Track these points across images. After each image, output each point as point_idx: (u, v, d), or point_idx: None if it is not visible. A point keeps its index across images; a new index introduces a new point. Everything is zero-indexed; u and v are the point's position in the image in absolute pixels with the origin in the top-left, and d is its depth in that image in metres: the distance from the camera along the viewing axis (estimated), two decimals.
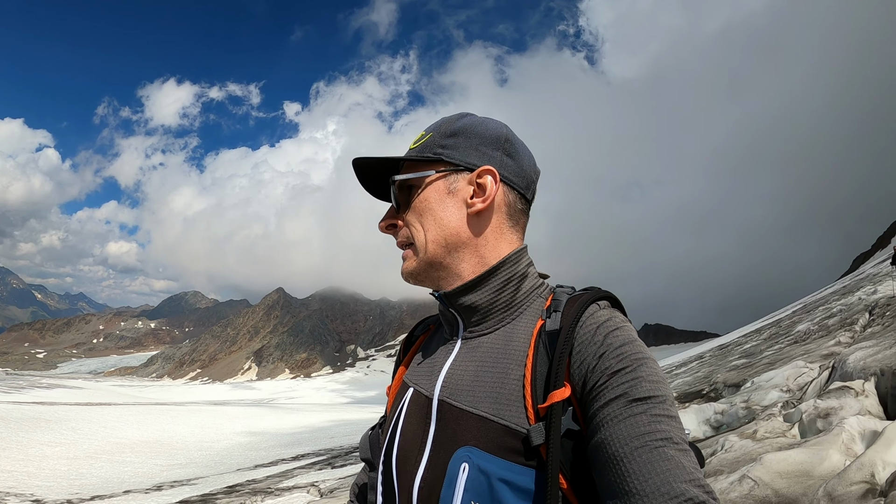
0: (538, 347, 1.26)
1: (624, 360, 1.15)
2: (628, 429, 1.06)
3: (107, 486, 24.02)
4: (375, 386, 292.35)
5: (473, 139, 1.43)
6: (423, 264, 1.44)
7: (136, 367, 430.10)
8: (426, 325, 1.72)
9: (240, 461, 32.02)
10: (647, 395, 1.10)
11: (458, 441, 1.25)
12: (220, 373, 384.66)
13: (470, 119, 1.48)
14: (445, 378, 1.38)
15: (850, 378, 9.02)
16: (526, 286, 1.42)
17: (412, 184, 1.45)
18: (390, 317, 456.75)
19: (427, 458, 1.30)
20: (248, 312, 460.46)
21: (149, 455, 33.65)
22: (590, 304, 1.28)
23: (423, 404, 1.39)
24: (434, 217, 1.41)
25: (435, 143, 1.44)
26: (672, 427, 1.07)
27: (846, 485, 5.06)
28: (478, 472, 1.18)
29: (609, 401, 1.11)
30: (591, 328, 1.22)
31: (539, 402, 1.19)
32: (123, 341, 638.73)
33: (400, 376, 1.62)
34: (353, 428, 50.75)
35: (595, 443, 1.10)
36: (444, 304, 1.45)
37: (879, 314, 18.66)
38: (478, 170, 1.40)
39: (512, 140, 1.46)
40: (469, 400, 1.28)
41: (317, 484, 21.81)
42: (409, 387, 1.49)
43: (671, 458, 1.02)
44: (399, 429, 1.42)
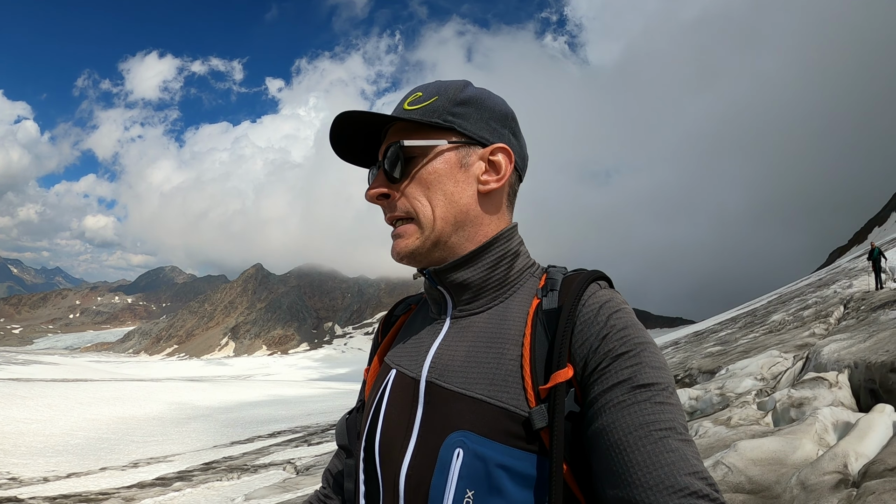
0: (536, 326, 1.20)
1: (627, 344, 1.10)
2: (631, 416, 1.02)
3: (83, 464, 23.93)
4: (351, 363, 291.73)
5: (484, 112, 1.32)
6: (429, 243, 1.30)
7: (112, 343, 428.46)
8: (407, 305, 1.60)
9: (216, 438, 31.95)
10: (651, 381, 1.05)
11: (450, 425, 1.16)
12: (197, 349, 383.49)
13: (476, 89, 1.36)
14: (434, 359, 1.28)
15: (824, 369, 9.16)
16: (519, 264, 1.34)
17: (416, 152, 1.30)
18: (368, 294, 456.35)
19: (415, 444, 1.20)
20: (226, 288, 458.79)
21: (125, 432, 33.47)
22: (590, 282, 1.23)
23: (409, 386, 1.29)
24: (444, 191, 1.28)
25: (444, 109, 1.29)
26: (675, 416, 1.03)
27: (819, 474, 5.16)
28: (474, 457, 1.10)
29: (612, 385, 1.06)
30: (593, 307, 1.17)
31: (540, 383, 1.12)
32: (100, 316, 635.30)
33: (379, 357, 1.50)
34: (328, 405, 50.76)
35: (595, 428, 1.05)
36: (431, 281, 1.35)
37: (854, 308, 18.85)
38: (492, 146, 1.30)
39: (516, 119, 1.39)
40: (461, 382, 1.20)
41: (293, 461, 21.84)
42: (392, 368, 1.37)
43: (675, 448, 0.98)
44: (382, 413, 1.31)
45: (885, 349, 8.74)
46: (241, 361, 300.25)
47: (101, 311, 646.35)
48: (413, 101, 1.33)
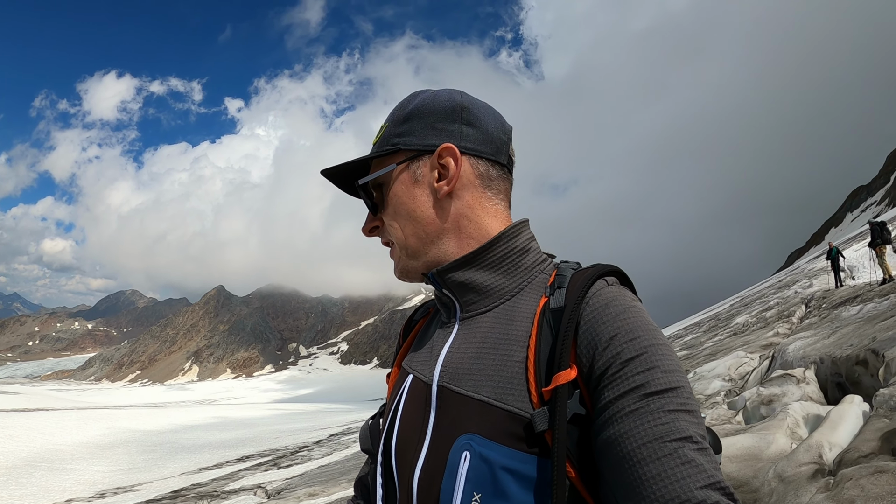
0: (542, 326, 1.16)
1: (638, 347, 1.05)
2: (643, 426, 0.98)
3: (48, 495, 23.44)
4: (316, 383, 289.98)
5: (427, 118, 1.32)
6: (410, 261, 1.35)
7: (73, 370, 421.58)
8: (426, 309, 1.59)
9: (184, 465, 31.45)
10: (664, 387, 1.01)
11: (459, 428, 1.14)
12: (160, 374, 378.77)
13: (422, 97, 1.37)
14: (444, 362, 1.27)
15: (791, 366, 9.32)
16: (527, 261, 1.31)
17: (381, 181, 1.35)
18: (332, 314, 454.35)
19: (427, 448, 1.19)
20: (188, 311, 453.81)
21: (90, 461, 32.82)
22: (596, 279, 1.19)
23: (422, 391, 1.28)
24: (407, 210, 1.32)
25: (391, 134, 1.34)
26: (690, 423, 0.99)
27: (795, 466, 5.26)
28: (480, 460, 1.08)
29: (623, 393, 1.02)
30: (598, 306, 1.13)
31: (543, 385, 1.09)
32: (60, 343, 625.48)
33: (399, 363, 1.50)
34: (296, 426, 50.39)
35: (606, 438, 1.02)
36: (437, 285, 1.34)
37: (816, 306, 19.19)
38: (437, 150, 1.29)
39: (469, 107, 1.34)
40: (470, 384, 1.18)
41: (263, 485, 21.63)
42: (409, 373, 1.37)
43: (690, 460, 0.94)
44: (398, 417, 1.31)
45: (850, 343, 8.92)
46: (205, 386, 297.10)
47: (61, 338, 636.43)
48: (377, 134, 1.39)
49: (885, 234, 20.33)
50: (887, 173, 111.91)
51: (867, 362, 7.69)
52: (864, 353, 7.85)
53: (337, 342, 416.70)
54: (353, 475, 19.62)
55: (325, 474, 21.57)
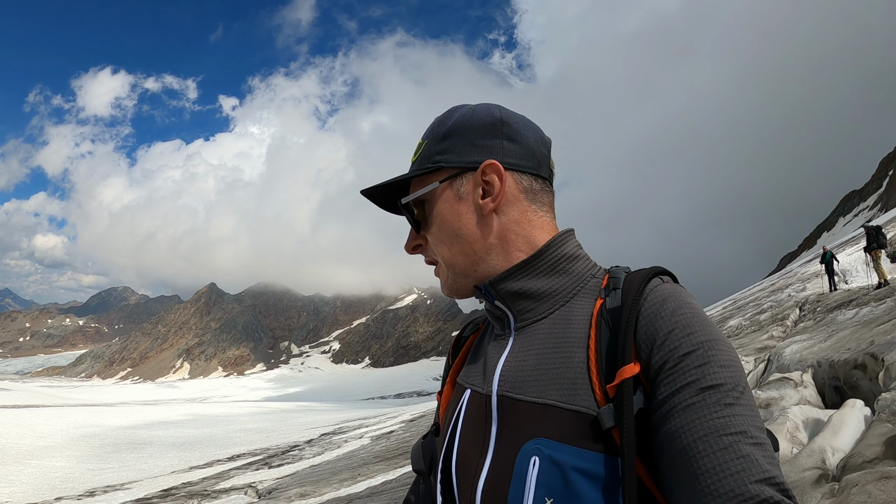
0: (600, 326, 1.16)
1: (694, 341, 1.05)
2: (700, 421, 0.98)
3: (38, 493, 23.38)
4: (307, 381, 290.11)
5: (468, 134, 1.31)
6: (458, 279, 1.35)
7: (64, 367, 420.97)
8: (475, 325, 1.58)
9: (174, 463, 31.40)
10: (720, 381, 1.01)
11: (525, 434, 1.14)
12: (151, 371, 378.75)
13: (460, 113, 1.35)
14: (503, 372, 1.26)
15: (787, 370, 9.30)
16: (578, 267, 1.30)
17: (424, 199, 1.34)
18: (324, 312, 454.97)
19: (491, 458, 1.19)
20: (180, 308, 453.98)
21: (80, 459, 32.77)
22: (652, 276, 1.20)
23: (482, 403, 1.27)
24: (452, 229, 1.30)
25: (432, 151, 1.33)
26: (746, 417, 0.99)
27: (799, 471, 5.23)
28: (550, 463, 1.08)
29: (680, 387, 1.02)
30: (656, 301, 1.14)
31: (607, 382, 1.09)
32: (51, 339, 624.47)
33: (451, 380, 1.50)
34: (286, 425, 50.30)
35: (664, 432, 1.02)
36: (489, 297, 1.32)
37: (810, 310, 19.24)
38: (480, 167, 1.28)
39: (509, 121, 1.33)
40: (532, 390, 1.18)
41: (254, 484, 21.60)
42: (466, 389, 1.36)
43: (745, 454, 0.94)
44: (458, 432, 1.30)
45: (847, 347, 8.91)
46: (195, 384, 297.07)
47: (52, 334, 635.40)
48: (416, 151, 1.38)
49: (881, 238, 20.37)
50: (880, 178, 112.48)
51: (866, 366, 7.66)
52: (862, 356, 7.83)
53: (329, 341, 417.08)
54: (344, 475, 19.61)
55: (317, 474, 21.54)
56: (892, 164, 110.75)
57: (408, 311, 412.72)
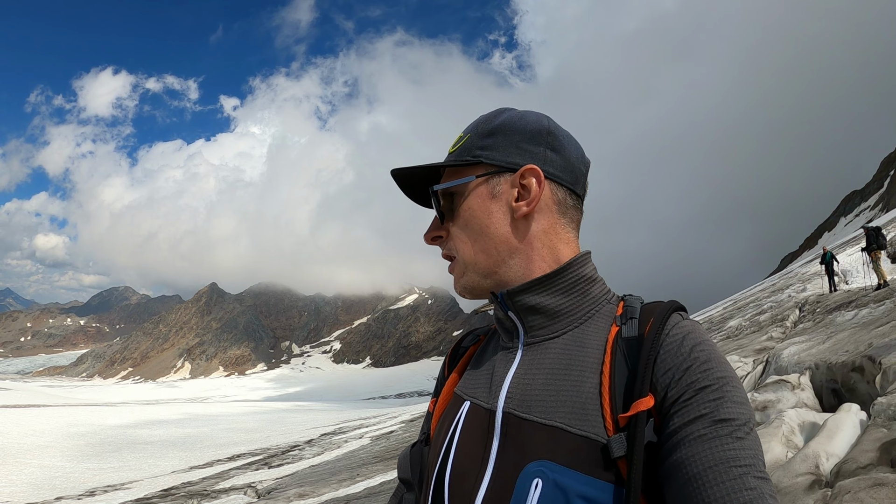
0: (616, 354, 1.17)
1: (711, 377, 1.08)
2: (711, 451, 1.00)
3: (38, 493, 23.38)
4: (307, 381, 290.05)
5: (513, 136, 1.31)
6: (476, 278, 1.33)
7: (65, 367, 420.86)
8: (475, 336, 1.56)
9: (174, 463, 31.41)
10: (732, 416, 1.03)
11: (528, 455, 1.13)
12: (153, 371, 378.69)
13: (508, 114, 1.35)
14: (510, 388, 1.25)
15: (785, 372, 9.27)
16: (595, 291, 1.30)
17: (455, 191, 1.35)
18: (325, 313, 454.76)
19: (490, 476, 1.17)
20: (181, 308, 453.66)
21: (80, 459, 32.79)
22: (672, 311, 1.20)
23: (483, 418, 1.26)
24: (479, 225, 1.30)
25: (473, 145, 1.33)
26: (755, 452, 1.01)
27: (792, 476, 5.19)
28: (553, 487, 1.07)
29: (693, 419, 1.04)
30: (676, 338, 1.14)
31: (619, 412, 1.10)
32: (52, 339, 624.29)
33: (448, 390, 1.47)
34: (287, 427, 50.27)
35: (673, 461, 1.03)
36: (503, 306, 1.31)
37: (810, 311, 19.19)
38: (521, 170, 1.28)
39: (555, 132, 1.34)
40: (540, 411, 1.17)
41: (254, 485, 21.60)
42: (465, 401, 1.34)
43: (753, 486, 0.96)
44: (454, 446, 1.28)
45: (845, 349, 8.87)
46: (195, 383, 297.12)
47: (54, 334, 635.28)
48: (455, 143, 1.38)
49: (881, 239, 20.32)
50: (881, 178, 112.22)
51: (863, 369, 7.63)
52: (860, 359, 7.79)
53: (330, 341, 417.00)
54: (343, 476, 19.61)
55: (316, 474, 21.54)
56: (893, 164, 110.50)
57: (409, 311, 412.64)
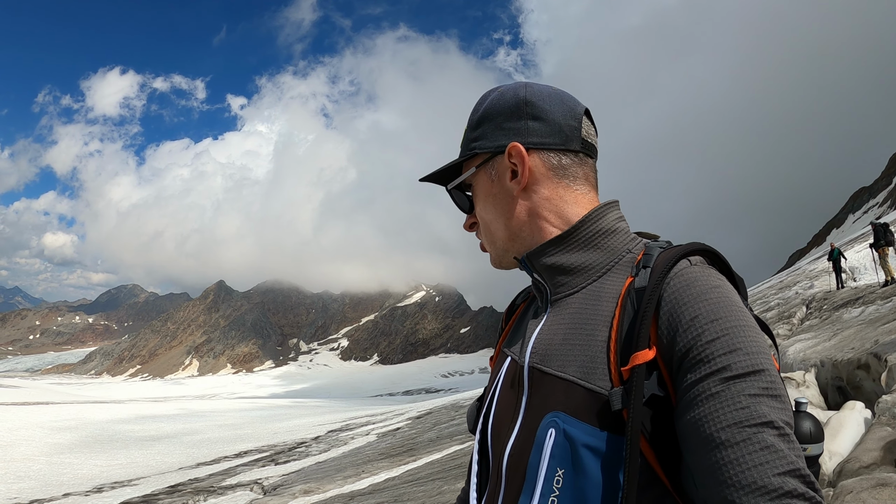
0: (625, 306, 1.18)
1: (720, 328, 1.05)
2: (724, 410, 0.98)
3: (46, 490, 23.50)
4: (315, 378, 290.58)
5: (496, 119, 1.39)
6: (501, 252, 1.44)
7: (74, 364, 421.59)
8: (526, 293, 1.65)
9: (181, 459, 31.50)
10: (746, 370, 1.00)
11: (547, 406, 1.20)
12: (161, 369, 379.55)
13: (490, 99, 1.43)
14: (535, 344, 1.31)
15: (791, 369, 9.21)
16: (615, 242, 1.32)
17: (467, 183, 1.47)
18: (332, 310, 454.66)
19: (519, 425, 1.26)
20: (189, 306, 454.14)
21: (88, 455, 32.91)
22: (679, 258, 1.19)
23: (517, 371, 1.35)
24: (492, 209, 1.41)
25: (468, 139, 1.44)
26: (772, 408, 0.98)
27: None
28: (563, 437, 1.13)
29: (704, 375, 1.02)
30: (679, 286, 1.14)
31: (622, 365, 1.11)
32: (61, 337, 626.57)
33: (500, 346, 1.58)
34: (294, 423, 50.33)
35: (687, 420, 1.03)
36: (527, 268, 1.40)
37: (816, 308, 19.14)
38: (506, 150, 1.35)
39: (533, 100, 1.36)
40: (558, 364, 1.22)
41: (260, 481, 21.67)
42: (507, 356, 1.44)
43: (769, 445, 0.94)
44: (496, 397, 1.39)
45: (851, 347, 8.80)
46: (203, 381, 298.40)
47: (62, 332, 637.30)
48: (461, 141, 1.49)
49: (889, 235, 20.21)
50: (889, 175, 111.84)
51: (869, 366, 7.56)
52: (865, 356, 7.73)
53: (337, 338, 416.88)
54: (349, 472, 19.65)
55: (322, 471, 21.59)
56: None
57: (416, 308, 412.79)
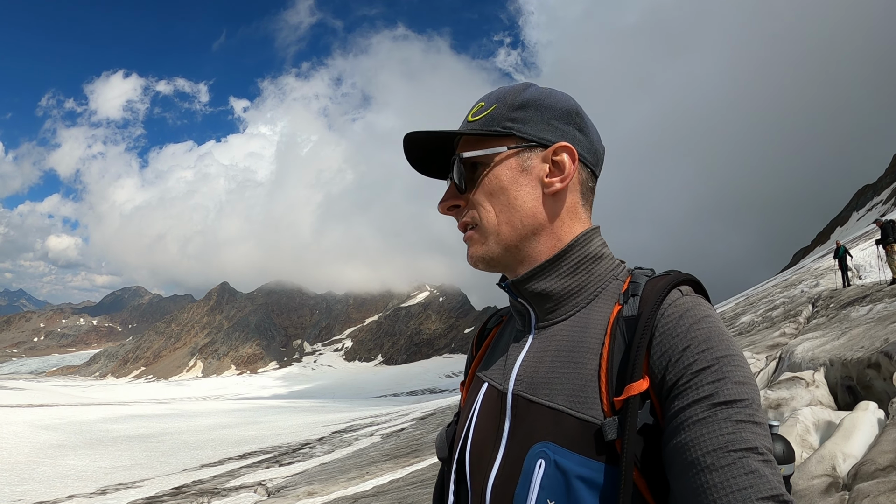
0: (615, 335, 1.17)
1: (710, 357, 1.06)
2: (710, 435, 0.99)
3: (50, 491, 23.51)
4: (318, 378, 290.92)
5: (544, 112, 1.31)
6: (497, 249, 1.32)
7: (78, 366, 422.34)
8: (499, 317, 1.60)
9: (186, 461, 31.53)
10: (733, 398, 1.02)
11: (534, 436, 1.16)
12: (165, 370, 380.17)
13: (536, 90, 1.35)
14: (519, 371, 1.28)
15: (799, 368, 9.11)
16: (601, 268, 1.31)
17: (479, 161, 1.33)
18: (336, 311, 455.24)
19: (502, 455, 1.22)
20: (193, 308, 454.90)
21: (92, 457, 32.97)
22: (671, 288, 1.19)
23: (497, 399, 1.30)
24: (507, 198, 1.30)
25: (503, 116, 1.31)
26: (756, 434, 0.99)
27: (808, 478, 5.06)
28: (555, 468, 1.10)
29: (692, 402, 1.03)
30: (673, 317, 1.13)
31: (615, 395, 1.10)
32: (65, 339, 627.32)
33: (473, 371, 1.52)
34: (297, 423, 50.32)
35: (674, 445, 1.03)
36: (512, 294, 1.35)
37: (823, 306, 19.06)
38: (553, 146, 1.29)
39: (582, 114, 1.36)
40: (545, 393, 1.20)
41: (264, 482, 21.66)
42: (484, 382, 1.39)
43: (753, 470, 0.95)
44: (473, 425, 1.33)
45: (860, 345, 8.70)
46: (207, 382, 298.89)
47: (67, 334, 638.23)
48: (476, 111, 1.36)
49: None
50: (893, 172, 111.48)
51: (879, 365, 7.47)
52: (876, 355, 7.63)
53: (341, 339, 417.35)
54: (352, 473, 19.60)
55: (326, 472, 21.56)
56: None
57: (420, 308, 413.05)
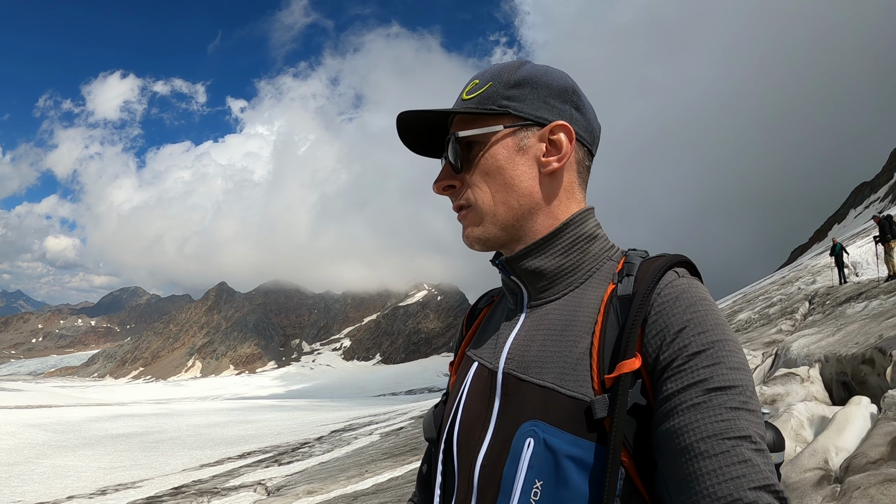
0: (608, 313, 1.17)
1: (705, 341, 1.05)
2: (704, 422, 0.98)
3: (49, 492, 23.48)
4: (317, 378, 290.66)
5: (541, 90, 1.29)
6: (494, 229, 1.31)
7: (76, 367, 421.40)
8: (490, 297, 1.60)
9: (185, 461, 31.49)
10: (728, 384, 1.00)
11: (524, 415, 1.16)
12: (164, 370, 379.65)
13: (532, 67, 1.33)
14: (510, 350, 1.28)
15: (795, 365, 9.18)
16: (595, 248, 1.30)
17: (475, 140, 1.30)
18: (335, 310, 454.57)
19: (491, 435, 1.21)
20: (191, 308, 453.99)
21: (92, 458, 32.92)
22: (667, 269, 1.18)
23: (488, 378, 1.29)
24: (504, 178, 1.28)
25: (498, 94, 1.29)
26: (750, 422, 0.98)
27: (800, 472, 5.11)
28: (544, 447, 1.09)
29: (686, 385, 1.02)
30: (670, 297, 1.13)
31: (606, 372, 1.09)
32: (63, 340, 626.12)
33: (462, 350, 1.51)
34: (297, 423, 50.33)
35: (666, 429, 1.02)
36: (505, 272, 1.34)
37: (819, 303, 19.12)
38: (550, 125, 1.27)
39: (578, 92, 1.34)
40: (535, 371, 1.19)
41: (263, 482, 21.66)
42: (474, 361, 1.38)
43: (746, 459, 0.94)
44: (462, 404, 1.32)
45: (855, 341, 8.76)
46: (206, 382, 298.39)
47: (65, 335, 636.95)
48: (471, 89, 1.33)
49: (895, 229, 20.12)
50: (890, 169, 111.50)
51: (874, 361, 7.53)
52: (870, 351, 7.69)
53: (339, 338, 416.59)
54: (352, 472, 19.63)
55: (325, 471, 21.58)
56: None
57: (418, 307, 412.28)
